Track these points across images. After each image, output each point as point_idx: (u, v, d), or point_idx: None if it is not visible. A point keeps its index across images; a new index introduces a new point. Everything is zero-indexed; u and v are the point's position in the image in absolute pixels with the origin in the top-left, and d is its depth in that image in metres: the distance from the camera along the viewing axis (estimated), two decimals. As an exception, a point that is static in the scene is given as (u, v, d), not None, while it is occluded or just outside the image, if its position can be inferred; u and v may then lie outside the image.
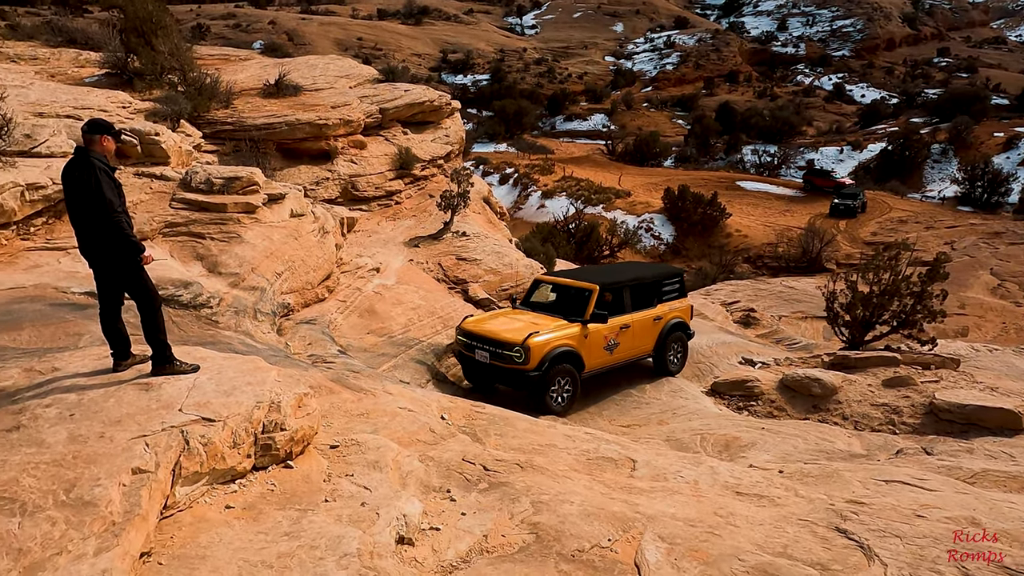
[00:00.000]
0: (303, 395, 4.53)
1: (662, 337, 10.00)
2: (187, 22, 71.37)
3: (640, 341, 9.71)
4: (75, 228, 4.21)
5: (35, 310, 6.20)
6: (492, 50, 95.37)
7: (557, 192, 41.65)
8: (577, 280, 9.59)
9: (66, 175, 4.15)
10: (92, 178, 4.03)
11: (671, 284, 10.38)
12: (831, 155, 57.08)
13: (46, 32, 18.55)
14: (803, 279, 25.34)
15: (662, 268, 10.84)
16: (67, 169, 4.16)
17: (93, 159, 4.09)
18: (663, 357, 10.11)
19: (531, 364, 8.16)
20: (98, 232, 4.11)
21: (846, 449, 7.46)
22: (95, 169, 4.05)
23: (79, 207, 4.12)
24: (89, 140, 4.16)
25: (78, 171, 4.08)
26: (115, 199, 4.10)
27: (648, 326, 9.79)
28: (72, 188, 4.12)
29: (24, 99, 10.31)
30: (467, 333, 8.88)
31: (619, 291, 9.47)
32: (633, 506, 4.26)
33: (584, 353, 8.76)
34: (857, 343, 12.16)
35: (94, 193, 4.03)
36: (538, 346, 8.21)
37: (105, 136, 4.20)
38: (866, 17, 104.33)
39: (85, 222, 4.13)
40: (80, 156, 4.13)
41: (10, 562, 2.66)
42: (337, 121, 14.73)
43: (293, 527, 3.46)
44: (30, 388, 4.07)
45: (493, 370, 8.55)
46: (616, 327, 9.22)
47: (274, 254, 9.06)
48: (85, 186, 4.05)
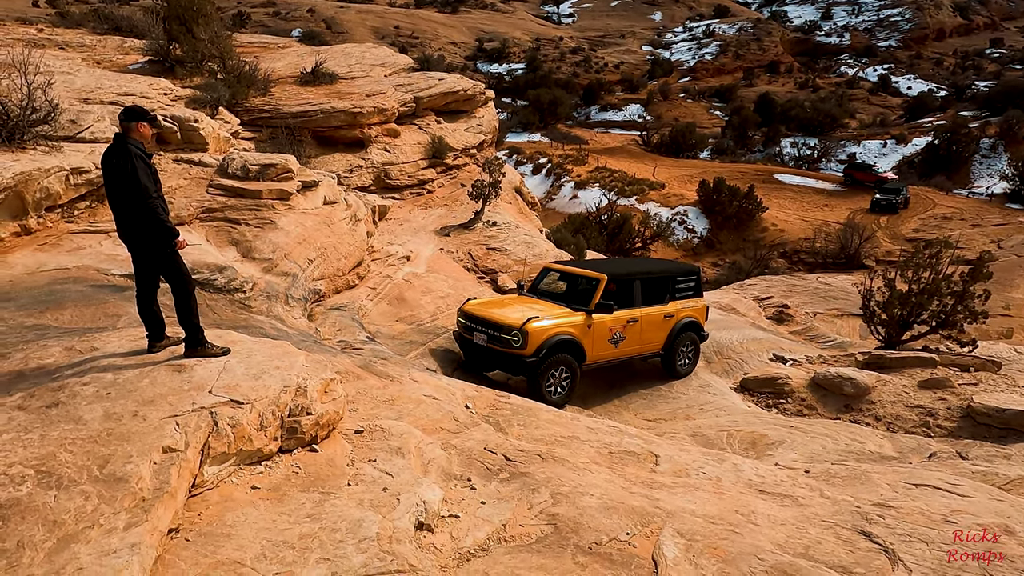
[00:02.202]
0: (329, 380, 4.61)
1: (672, 336, 9.61)
2: (228, 10, 72.48)
3: (648, 337, 9.36)
4: (114, 213, 4.36)
5: (77, 291, 6.41)
6: (528, 39, 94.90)
7: (590, 183, 41.38)
8: (586, 269, 9.35)
9: (105, 161, 4.29)
10: (129, 164, 4.15)
11: (686, 282, 9.97)
12: (874, 149, 55.53)
13: (93, 20, 19.06)
14: (840, 275, 24.75)
15: (677, 264, 10.42)
16: (106, 155, 4.29)
17: (130, 145, 4.21)
18: (672, 357, 9.70)
19: (528, 349, 7.92)
20: (135, 217, 4.24)
21: (877, 451, 7.31)
22: (132, 155, 4.17)
23: (117, 192, 4.25)
24: (126, 127, 4.28)
25: (116, 157, 4.21)
26: (150, 185, 4.21)
27: (658, 323, 9.43)
28: (110, 174, 4.25)
29: (70, 85, 10.62)
30: (467, 315, 8.67)
31: (629, 283, 9.16)
32: (653, 501, 4.25)
33: (587, 344, 8.47)
34: (893, 343, 11.88)
35: (131, 179, 4.15)
36: (537, 331, 7.97)
37: (141, 123, 4.31)
38: (915, 6, 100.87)
39: (123, 207, 4.26)
40: (118, 143, 4.25)
41: (46, 533, 2.77)
42: (371, 109, 14.85)
43: (315, 509, 3.53)
44: (70, 366, 4.21)
45: (490, 354, 8.30)
46: (623, 320, 8.89)
47: (307, 240, 9.20)
48: (122, 172, 4.17)
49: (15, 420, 3.52)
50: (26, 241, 7.32)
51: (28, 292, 6.22)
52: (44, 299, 6.07)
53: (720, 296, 18.52)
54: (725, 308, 16.09)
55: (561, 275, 9.77)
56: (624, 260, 11.78)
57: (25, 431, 3.42)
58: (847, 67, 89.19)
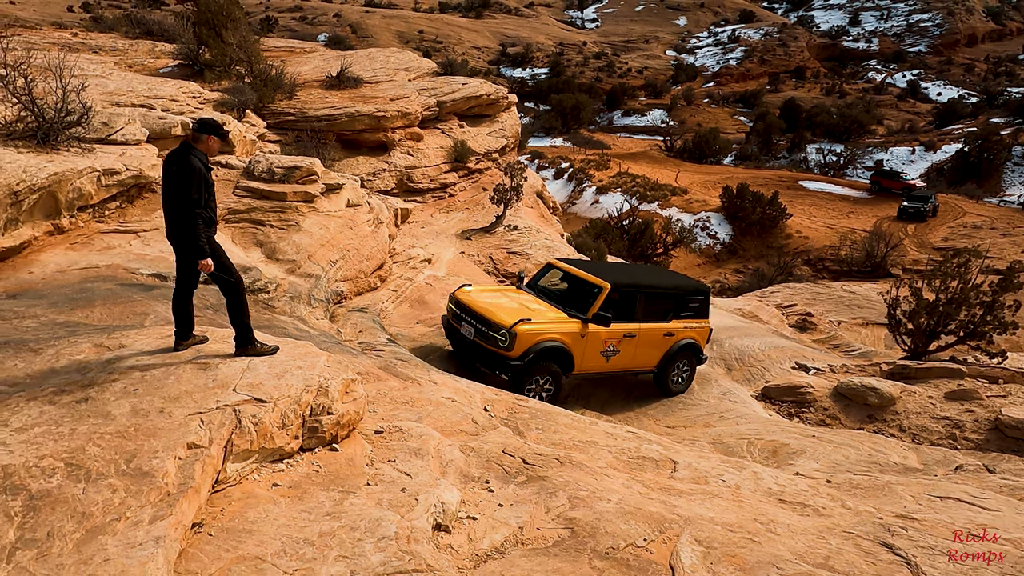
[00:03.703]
0: (350, 381, 4.67)
1: (669, 355, 9.06)
2: (256, 15, 73.62)
3: (643, 353, 8.84)
4: (165, 214, 4.49)
5: (106, 289, 6.56)
6: (551, 44, 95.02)
7: (612, 188, 41.27)
8: (590, 274, 8.74)
9: (167, 164, 4.41)
10: (186, 173, 4.27)
11: (693, 301, 9.33)
12: (902, 156, 54.70)
13: (126, 24, 19.49)
14: (866, 284, 24.39)
15: (688, 281, 9.82)
16: (169, 159, 4.42)
17: (193, 156, 4.33)
18: (665, 374, 9.18)
19: (515, 352, 7.53)
20: (180, 223, 4.36)
21: (901, 462, 7.19)
22: (191, 166, 4.29)
23: (170, 196, 4.37)
24: (196, 138, 4.41)
25: (176, 164, 4.32)
26: (201, 198, 4.33)
27: (656, 340, 8.89)
28: (170, 178, 4.37)
29: (103, 88, 10.87)
30: (458, 303, 8.28)
31: (632, 295, 8.59)
32: (671, 507, 4.23)
33: (577, 354, 8.04)
34: (920, 353, 11.68)
35: (184, 188, 4.27)
36: (526, 335, 7.57)
37: (211, 136, 4.43)
38: (946, 11, 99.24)
39: (172, 211, 4.39)
40: (182, 150, 4.37)
41: (74, 524, 2.85)
42: (395, 113, 14.98)
43: (335, 508, 3.58)
44: (99, 362, 4.31)
45: (475, 348, 7.92)
46: (619, 334, 8.39)
47: (330, 242, 9.31)
48: (179, 179, 4.29)
49: (46, 414, 3.61)
50: (58, 240, 7.51)
51: (60, 290, 6.38)
52: (75, 297, 6.22)
53: (743, 303, 18.35)
54: (747, 315, 15.96)
55: (564, 275, 9.25)
56: (634, 267, 10.87)
57: (56, 425, 3.51)
58: (875, 73, 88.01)
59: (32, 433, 3.41)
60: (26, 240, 6.92)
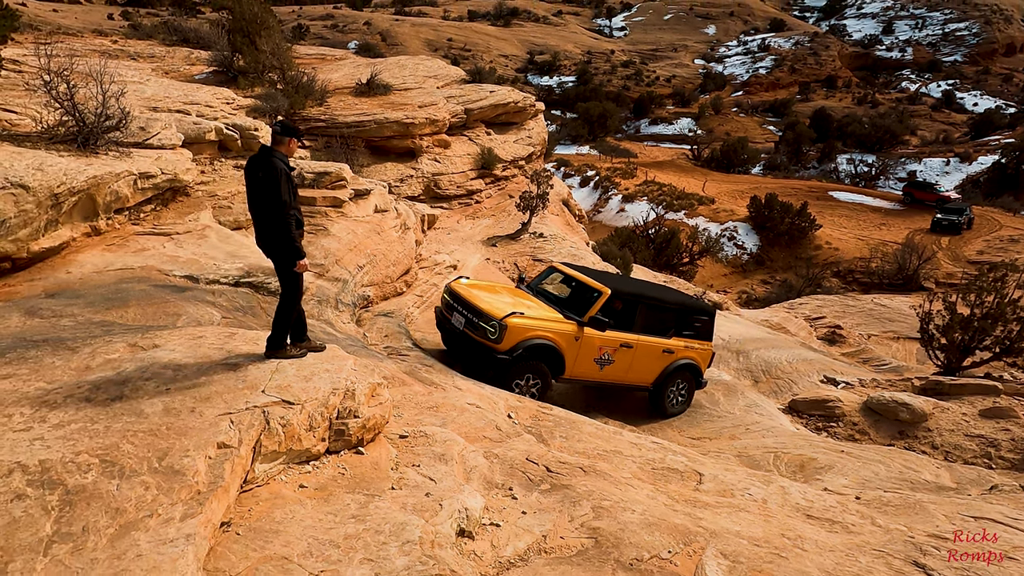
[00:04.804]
0: (377, 385, 4.71)
1: (665, 374, 8.70)
2: (289, 23, 74.95)
3: (639, 367, 8.50)
4: (253, 220, 4.57)
5: (140, 290, 6.70)
6: (579, 52, 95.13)
7: (638, 196, 41.11)
8: (591, 279, 8.55)
9: (251, 170, 4.48)
10: (274, 177, 4.34)
11: (697, 320, 9.02)
12: (936, 167, 53.67)
13: (163, 32, 19.98)
14: (897, 297, 23.93)
15: (693, 300, 9.47)
16: (252, 165, 4.49)
17: (276, 159, 4.40)
18: (661, 393, 8.79)
19: (503, 345, 7.26)
20: (271, 227, 4.43)
21: (933, 480, 7.03)
22: (278, 169, 4.36)
23: (259, 202, 4.44)
24: (278, 140, 4.48)
25: (262, 169, 4.38)
26: (290, 200, 4.41)
27: (654, 355, 8.55)
28: (255, 183, 4.43)
29: (141, 94, 11.14)
30: (452, 293, 8.06)
31: (633, 304, 8.35)
32: (696, 520, 4.19)
33: (569, 356, 7.73)
34: (953, 368, 11.42)
35: (273, 191, 4.34)
36: (516, 328, 7.31)
37: (292, 139, 4.52)
38: (983, 20, 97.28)
39: (261, 216, 4.46)
40: (265, 154, 4.43)
41: (108, 519, 2.91)
42: (424, 120, 15.12)
43: (360, 511, 3.60)
44: (133, 361, 4.41)
45: (463, 339, 7.66)
46: (615, 342, 8.10)
47: (357, 247, 9.41)
48: (266, 183, 4.35)
49: (83, 411, 3.70)
50: (95, 241, 7.70)
51: (96, 290, 6.54)
52: (110, 297, 6.37)
53: (770, 314, 18.13)
54: (775, 327, 15.75)
55: (565, 278, 9.02)
56: (638, 281, 10.50)
57: (91, 422, 3.59)
58: (908, 82, 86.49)
59: (69, 429, 3.49)
60: (65, 241, 7.11)
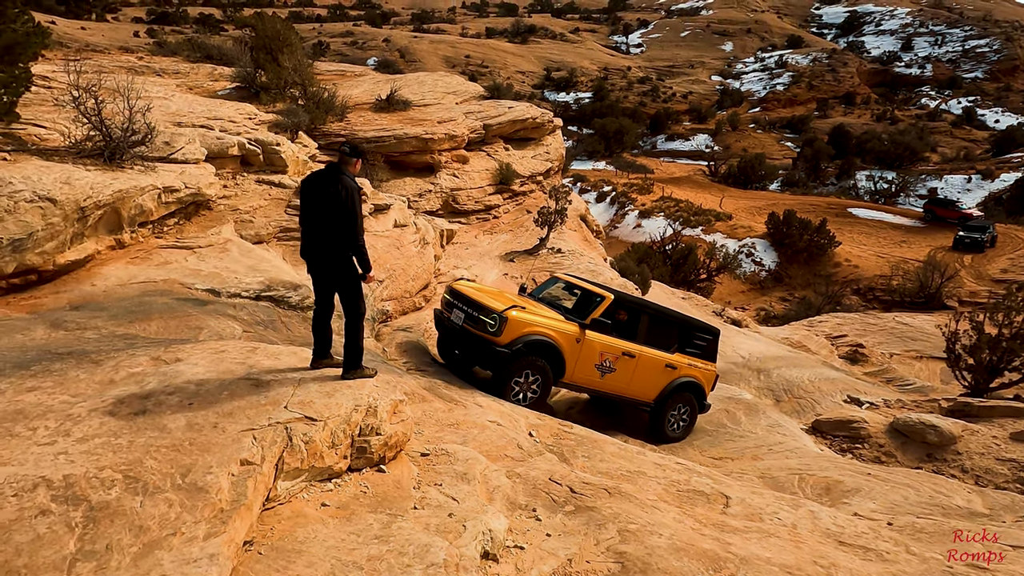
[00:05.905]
0: (398, 402, 4.66)
1: (667, 391, 8.53)
2: (310, 40, 76.01)
3: (641, 380, 8.34)
4: (308, 234, 4.61)
5: (163, 303, 6.73)
6: (596, 68, 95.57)
7: (655, 212, 40.99)
8: (594, 287, 8.55)
9: (315, 186, 4.54)
10: (348, 196, 4.42)
11: (700, 339, 8.96)
12: (957, 184, 53.02)
13: (187, 48, 20.31)
14: (919, 315, 23.54)
15: (697, 320, 9.45)
16: (317, 181, 4.55)
17: (347, 177, 4.49)
18: (662, 413, 8.55)
19: (503, 338, 7.11)
20: (336, 243, 4.47)
21: (965, 506, 6.83)
22: (351, 189, 4.45)
23: (325, 217, 4.48)
24: (348, 161, 4.60)
25: (333, 186, 4.46)
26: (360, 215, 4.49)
27: (656, 368, 8.41)
28: (321, 199, 4.49)
29: (166, 109, 11.28)
30: (453, 292, 8.00)
31: (636, 313, 8.30)
32: (725, 545, 4.08)
33: (569, 358, 7.58)
34: (981, 390, 11.17)
35: (347, 209, 4.42)
36: (517, 321, 7.20)
37: (359, 160, 4.69)
38: (1004, 36, 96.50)
39: (326, 231, 4.49)
40: (334, 172, 4.52)
41: (132, 538, 2.87)
42: (442, 136, 15.19)
43: (383, 531, 3.54)
44: (156, 375, 4.40)
45: (462, 335, 7.52)
46: (617, 349, 7.99)
47: (376, 262, 9.40)
48: (338, 200, 4.43)
49: (106, 425, 3.69)
50: (119, 254, 7.76)
51: (119, 303, 6.57)
52: (133, 310, 6.40)
53: (790, 332, 17.89)
54: (795, 345, 15.54)
55: (566, 285, 8.98)
56: (641, 299, 10.72)
57: (115, 436, 3.57)
58: (928, 99, 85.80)
59: (93, 444, 3.47)
60: (90, 254, 7.17)
